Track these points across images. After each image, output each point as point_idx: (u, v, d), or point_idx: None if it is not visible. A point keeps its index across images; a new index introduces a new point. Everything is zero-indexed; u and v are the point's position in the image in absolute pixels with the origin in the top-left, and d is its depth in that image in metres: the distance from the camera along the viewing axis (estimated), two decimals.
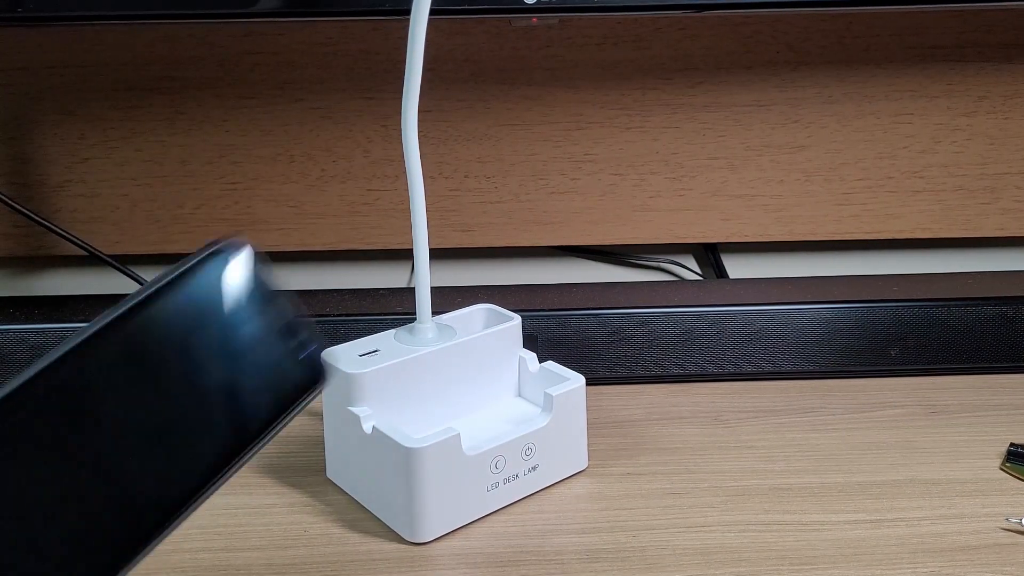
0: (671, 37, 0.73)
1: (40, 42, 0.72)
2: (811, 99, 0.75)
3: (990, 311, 0.67)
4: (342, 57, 0.73)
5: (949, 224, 0.78)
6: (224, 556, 0.48)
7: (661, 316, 0.67)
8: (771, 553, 0.47)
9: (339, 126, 0.75)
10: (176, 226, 0.77)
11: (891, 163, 0.77)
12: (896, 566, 0.46)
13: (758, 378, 0.66)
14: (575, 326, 0.66)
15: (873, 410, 0.62)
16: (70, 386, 0.30)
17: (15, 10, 0.59)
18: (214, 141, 0.75)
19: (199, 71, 0.73)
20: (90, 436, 0.29)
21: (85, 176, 0.75)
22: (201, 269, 0.33)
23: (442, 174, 0.76)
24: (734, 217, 0.78)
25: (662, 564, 0.47)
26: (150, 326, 0.31)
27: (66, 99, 0.74)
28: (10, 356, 0.65)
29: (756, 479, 0.54)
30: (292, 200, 0.76)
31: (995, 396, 0.63)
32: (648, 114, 0.75)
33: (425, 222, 0.54)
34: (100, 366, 0.30)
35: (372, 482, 0.51)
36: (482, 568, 0.47)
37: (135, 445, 0.30)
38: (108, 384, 0.30)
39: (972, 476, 0.54)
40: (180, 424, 0.31)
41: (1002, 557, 0.47)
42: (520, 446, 0.51)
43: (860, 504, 0.52)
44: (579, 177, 0.77)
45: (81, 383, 0.30)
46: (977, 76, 0.75)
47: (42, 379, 0.29)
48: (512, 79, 0.74)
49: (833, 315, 0.67)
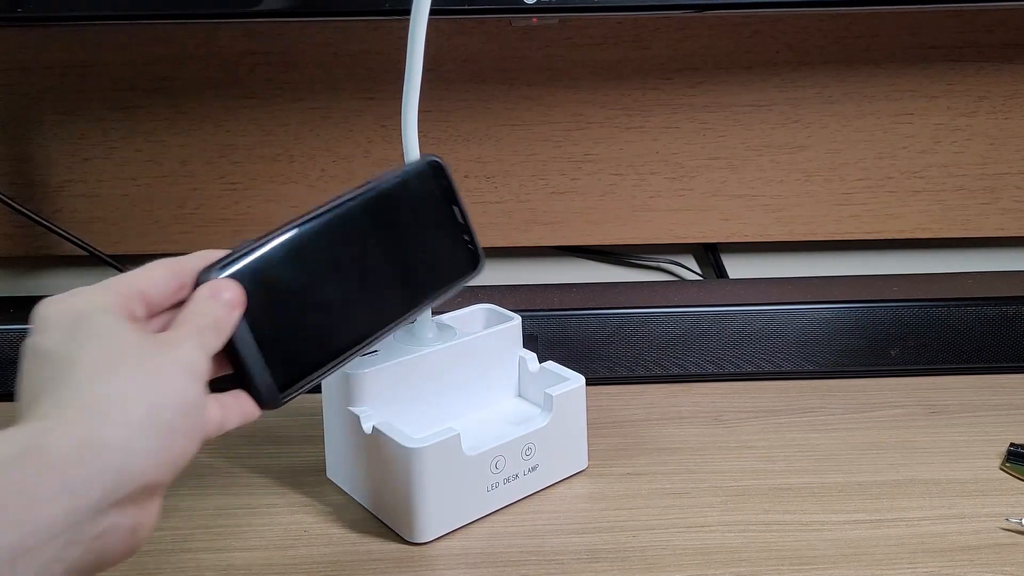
0: (671, 37, 0.73)
1: (40, 42, 0.72)
2: (811, 99, 0.75)
3: (990, 311, 0.67)
4: (342, 57, 0.73)
5: (949, 224, 0.78)
6: (224, 556, 0.48)
7: (661, 316, 0.67)
8: (771, 553, 0.47)
9: (339, 126, 0.75)
10: (176, 226, 0.77)
11: (891, 163, 0.77)
12: (896, 566, 0.46)
13: (758, 378, 0.66)
14: (575, 326, 0.66)
15: (873, 410, 0.62)
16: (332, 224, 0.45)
17: (15, 10, 0.59)
18: (214, 141, 0.75)
19: (199, 71, 0.73)
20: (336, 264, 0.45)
21: (85, 176, 0.75)
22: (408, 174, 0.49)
23: None
24: (734, 217, 0.78)
25: (662, 564, 0.47)
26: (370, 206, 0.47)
27: (66, 99, 0.74)
28: (10, 356, 0.65)
29: (756, 479, 0.54)
30: (292, 200, 0.76)
31: (995, 396, 0.63)
32: (648, 114, 0.75)
33: None
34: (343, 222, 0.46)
35: (372, 482, 0.51)
36: (482, 568, 0.47)
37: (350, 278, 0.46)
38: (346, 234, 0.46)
39: (972, 476, 0.54)
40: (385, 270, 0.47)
41: (1002, 557, 0.47)
42: (520, 446, 0.51)
43: (860, 504, 0.52)
44: (579, 177, 0.77)
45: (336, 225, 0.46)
46: (977, 76, 0.75)
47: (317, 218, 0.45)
48: (512, 79, 0.74)
49: (833, 315, 0.67)
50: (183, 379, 0.36)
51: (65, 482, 0.32)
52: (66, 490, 0.32)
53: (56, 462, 0.32)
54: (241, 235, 0.77)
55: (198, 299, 0.39)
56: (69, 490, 0.32)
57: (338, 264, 0.45)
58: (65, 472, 0.32)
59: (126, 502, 0.34)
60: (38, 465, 0.32)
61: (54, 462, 0.32)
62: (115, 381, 0.35)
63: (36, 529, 0.31)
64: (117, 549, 0.34)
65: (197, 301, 0.39)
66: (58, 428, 0.33)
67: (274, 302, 0.43)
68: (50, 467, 0.32)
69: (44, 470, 0.32)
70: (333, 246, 0.45)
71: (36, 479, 0.32)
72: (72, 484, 0.32)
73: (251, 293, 0.41)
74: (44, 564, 0.31)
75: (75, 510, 0.32)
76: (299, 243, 0.44)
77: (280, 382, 0.42)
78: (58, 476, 0.32)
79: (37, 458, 0.32)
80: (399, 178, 0.48)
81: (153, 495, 0.35)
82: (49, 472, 0.32)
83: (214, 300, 0.40)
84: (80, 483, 0.32)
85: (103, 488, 0.33)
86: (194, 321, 0.39)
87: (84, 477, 0.32)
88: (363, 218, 0.47)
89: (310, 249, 0.44)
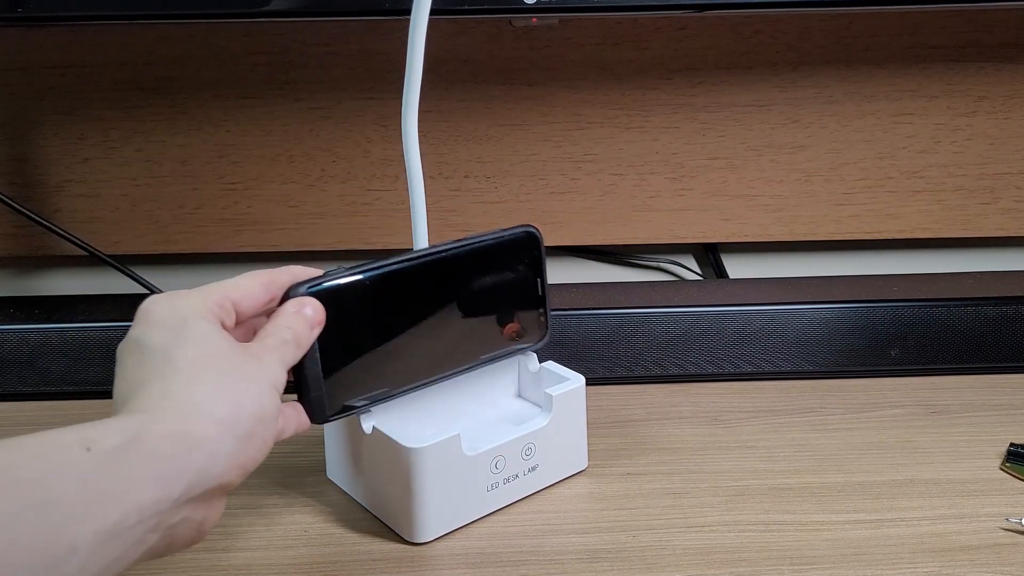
0: (671, 37, 0.73)
1: (40, 42, 0.72)
2: (811, 99, 0.75)
3: (990, 311, 0.67)
4: (342, 57, 0.73)
5: (949, 224, 0.78)
6: (224, 556, 0.48)
7: (661, 316, 0.67)
8: (771, 553, 0.47)
9: (339, 126, 0.75)
10: (176, 226, 0.77)
11: (891, 163, 0.77)
12: (896, 566, 0.46)
13: (758, 378, 0.66)
14: (575, 326, 0.66)
15: (873, 410, 0.62)
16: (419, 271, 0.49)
17: (15, 10, 0.59)
18: (214, 141, 0.75)
19: (199, 71, 0.73)
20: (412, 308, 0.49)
21: (85, 176, 0.75)
22: (503, 238, 0.52)
23: (442, 174, 0.76)
24: (734, 217, 0.78)
25: (662, 564, 0.47)
26: (460, 262, 0.50)
27: (66, 99, 0.74)
28: (10, 356, 0.65)
29: (756, 479, 0.54)
30: (292, 200, 0.76)
31: (995, 396, 0.63)
32: (648, 114, 0.75)
33: (425, 222, 0.54)
34: (430, 271, 0.49)
35: (372, 482, 0.51)
36: (482, 568, 0.47)
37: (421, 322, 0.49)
38: (430, 283, 0.49)
39: (972, 476, 0.54)
40: (455, 324, 0.51)
41: (1002, 557, 0.47)
42: (520, 446, 0.51)
43: (860, 504, 0.52)
44: (579, 177, 0.77)
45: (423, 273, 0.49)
46: (977, 76, 0.75)
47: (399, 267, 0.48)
48: (512, 79, 0.74)
49: (833, 315, 0.67)
50: (264, 390, 0.40)
51: (159, 472, 0.35)
52: (159, 480, 0.35)
53: (153, 453, 0.35)
54: (241, 235, 0.77)
55: (284, 313, 0.43)
56: (161, 480, 0.35)
57: (414, 309, 0.49)
58: (160, 463, 0.35)
59: (201, 498, 0.37)
60: (138, 454, 0.35)
61: (152, 452, 0.35)
62: (207, 385, 0.38)
63: (130, 513, 0.34)
64: (185, 539, 0.38)
65: (283, 315, 0.43)
66: (156, 422, 0.36)
67: (347, 330, 0.46)
68: (148, 457, 0.35)
69: (143, 459, 0.35)
70: (414, 291, 0.49)
71: (135, 467, 0.34)
72: (164, 475, 0.35)
73: (329, 316, 0.45)
74: (130, 546, 0.34)
75: (163, 499, 0.35)
76: (384, 281, 0.47)
77: (332, 403, 0.46)
78: (154, 465, 0.35)
79: (138, 447, 0.35)
80: (494, 240, 0.51)
81: (223, 494, 0.39)
82: (147, 461, 0.35)
83: (298, 316, 0.43)
84: (171, 475, 0.35)
85: (188, 482, 0.36)
86: (278, 334, 0.42)
87: (175, 469, 0.35)
88: (450, 272, 0.50)
89: (393, 289, 0.48)
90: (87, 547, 0.33)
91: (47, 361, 0.65)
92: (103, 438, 0.34)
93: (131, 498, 0.34)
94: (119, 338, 0.42)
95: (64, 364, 0.65)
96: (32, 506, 0.32)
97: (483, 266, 0.51)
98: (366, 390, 0.48)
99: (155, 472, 0.35)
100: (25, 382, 0.65)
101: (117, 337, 0.42)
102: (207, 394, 0.37)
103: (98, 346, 0.65)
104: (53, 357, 0.65)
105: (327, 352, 0.45)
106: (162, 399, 0.37)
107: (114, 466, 0.34)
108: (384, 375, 0.48)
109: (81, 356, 0.65)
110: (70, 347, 0.65)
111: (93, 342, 0.65)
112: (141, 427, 0.35)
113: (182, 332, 0.39)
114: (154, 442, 0.35)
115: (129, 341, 0.40)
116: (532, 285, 0.53)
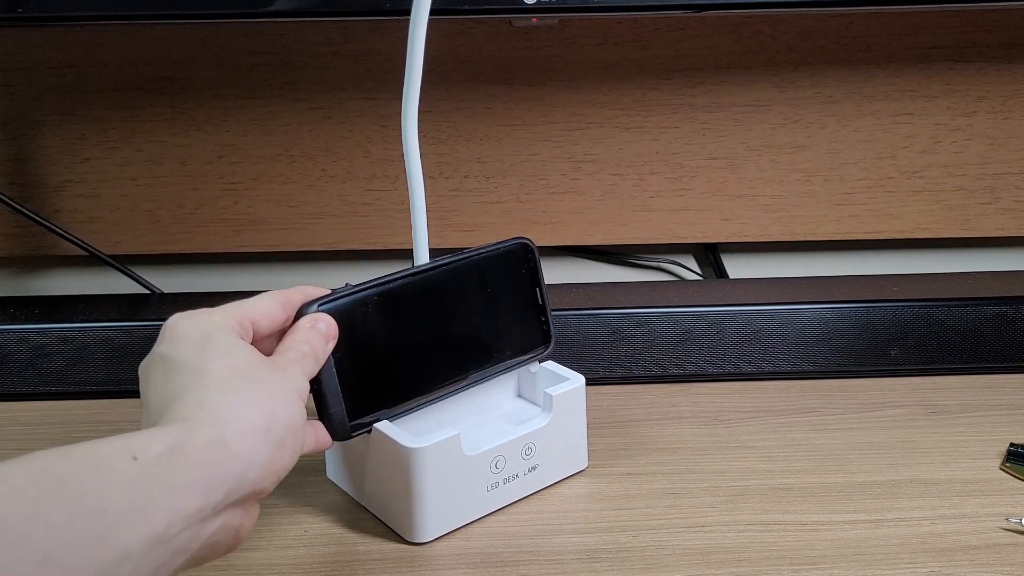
0: (671, 37, 0.73)
1: (40, 42, 0.72)
2: (811, 99, 0.75)
3: (990, 311, 0.67)
4: (342, 57, 0.73)
5: (949, 224, 0.78)
6: (224, 556, 0.48)
7: (661, 316, 0.67)
8: (771, 553, 0.47)
9: (339, 126, 0.75)
10: (176, 226, 0.77)
11: (891, 163, 0.77)
12: (896, 566, 0.46)
13: (758, 378, 0.66)
14: (575, 326, 0.66)
15: (873, 410, 0.62)
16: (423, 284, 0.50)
17: (15, 10, 0.59)
18: (214, 141, 0.75)
19: (199, 71, 0.73)
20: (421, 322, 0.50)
21: (85, 176, 0.75)
22: (499, 250, 0.53)
23: (442, 174, 0.76)
24: (734, 217, 0.78)
25: (662, 564, 0.47)
26: (460, 274, 0.51)
27: (66, 99, 0.74)
28: (10, 356, 0.65)
29: (756, 479, 0.54)
30: (292, 200, 0.76)
31: (995, 396, 0.63)
32: (648, 114, 0.75)
33: (425, 222, 0.54)
34: (434, 284, 0.50)
35: (372, 482, 0.51)
36: (482, 568, 0.47)
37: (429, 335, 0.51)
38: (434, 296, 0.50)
39: (972, 476, 0.54)
40: (462, 334, 0.52)
41: (1002, 557, 0.47)
42: (520, 446, 0.51)
43: (860, 504, 0.52)
44: (579, 177, 0.77)
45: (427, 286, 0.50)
46: (977, 76, 0.75)
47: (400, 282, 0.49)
48: (512, 79, 0.74)
49: (833, 315, 0.67)
50: (292, 399, 0.41)
51: (200, 479, 0.36)
52: (201, 486, 0.36)
53: (195, 460, 0.36)
54: (241, 235, 0.77)
55: (300, 328, 0.45)
56: (203, 487, 0.36)
57: (422, 321, 0.50)
58: (201, 470, 0.36)
59: (238, 504, 0.38)
60: (181, 462, 0.36)
61: (193, 460, 0.36)
62: (239, 395, 0.39)
63: (176, 520, 0.35)
64: (223, 546, 0.38)
65: (300, 330, 0.45)
66: (195, 430, 0.37)
67: (360, 344, 0.48)
68: (190, 464, 0.36)
69: (186, 467, 0.36)
70: (420, 304, 0.50)
71: (179, 474, 0.35)
72: (205, 482, 0.36)
73: (342, 333, 0.46)
74: (174, 553, 0.35)
75: (204, 507, 0.36)
76: (391, 296, 0.49)
77: (351, 417, 0.47)
78: (196, 473, 0.36)
79: (180, 455, 0.36)
80: (491, 253, 0.53)
81: (256, 501, 0.40)
82: (189, 469, 0.36)
83: (313, 331, 0.45)
84: (212, 482, 0.36)
85: (227, 489, 0.37)
86: (298, 348, 0.44)
87: (215, 477, 0.37)
88: (452, 284, 0.51)
89: (400, 303, 0.49)
90: (137, 554, 0.33)
91: (47, 361, 0.65)
92: (147, 446, 0.35)
93: (176, 505, 0.35)
94: (119, 338, 0.42)
95: (64, 364, 0.65)
96: (85, 514, 0.32)
97: (484, 278, 0.52)
98: (383, 405, 0.49)
99: (197, 479, 0.36)
100: (25, 382, 0.65)
101: (117, 337, 0.42)
102: (241, 404, 0.39)
103: (98, 346, 0.65)
104: (53, 357, 0.65)
105: (343, 370, 0.46)
106: (198, 409, 0.38)
107: (159, 474, 0.35)
108: (398, 389, 0.50)
109: (81, 356, 0.65)
110: (70, 347, 0.65)
111: (93, 342, 0.65)
112: (181, 436, 0.36)
113: (207, 346, 0.41)
114: (195, 450, 0.36)
115: (155, 357, 0.41)
116: (532, 295, 0.54)
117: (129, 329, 0.65)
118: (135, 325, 0.65)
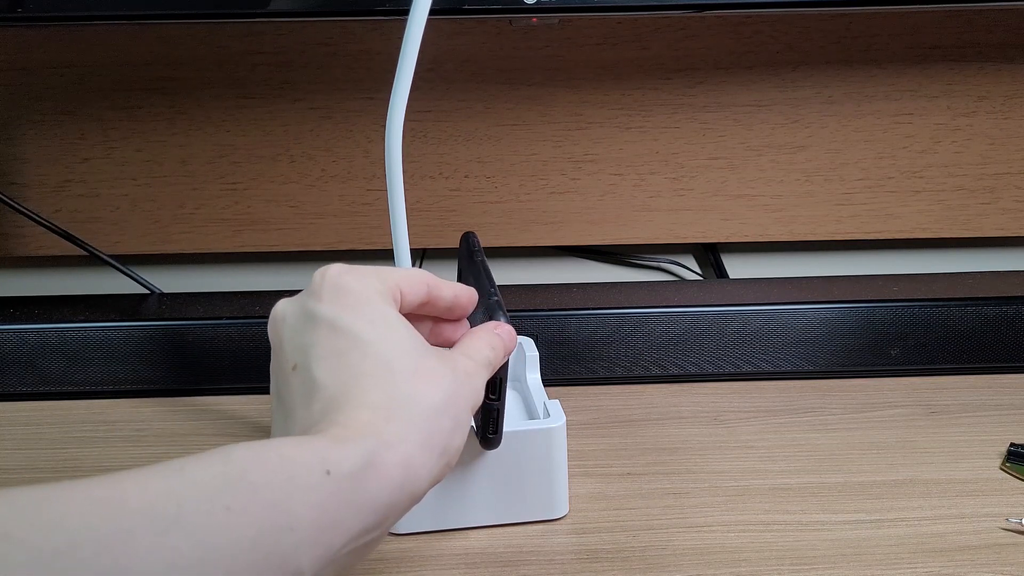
0: (671, 37, 0.73)
1: (40, 42, 0.72)
2: (811, 99, 0.75)
3: (990, 311, 0.67)
4: (342, 57, 0.73)
5: (949, 224, 0.78)
6: None
7: (661, 316, 0.67)
8: (771, 553, 0.47)
9: (339, 126, 0.75)
10: (176, 226, 0.77)
11: (891, 163, 0.77)
12: (896, 566, 0.46)
13: (758, 378, 0.66)
14: (575, 326, 0.66)
15: (873, 410, 0.62)
16: None
17: (15, 10, 0.59)
18: (214, 141, 0.75)
19: (199, 71, 0.73)
20: None
21: (85, 176, 0.75)
22: None
23: (442, 174, 0.76)
24: (734, 217, 0.78)
25: (662, 564, 0.47)
26: None
27: (66, 99, 0.74)
28: (10, 356, 0.65)
29: (756, 479, 0.54)
30: (292, 200, 0.76)
31: (995, 396, 0.63)
32: (648, 114, 0.75)
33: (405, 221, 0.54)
34: None
35: None
36: (482, 568, 0.47)
37: None
38: None
39: (972, 476, 0.54)
40: None
41: (1002, 557, 0.47)
42: None
43: (860, 504, 0.52)
44: (579, 177, 0.77)
45: None
46: (977, 76, 0.75)
47: None
48: (512, 79, 0.74)
49: (833, 315, 0.67)
50: (469, 418, 0.39)
51: (387, 502, 0.34)
52: (385, 508, 0.34)
53: (385, 484, 0.34)
54: (241, 235, 0.77)
55: (487, 331, 0.42)
56: (386, 509, 0.34)
57: None
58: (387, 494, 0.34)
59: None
60: (373, 483, 0.34)
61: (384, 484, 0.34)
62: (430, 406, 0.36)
63: (350, 540, 0.33)
64: (361, 559, 0.35)
65: (487, 334, 0.42)
66: (389, 448, 0.34)
67: None
68: (381, 488, 0.34)
69: (377, 489, 0.34)
70: None
71: (365, 495, 0.33)
72: (386, 504, 0.34)
73: None
74: (335, 571, 0.33)
75: (374, 528, 0.34)
76: None
77: None
78: (385, 496, 0.34)
79: (371, 475, 0.34)
80: None
81: None
82: (380, 492, 0.34)
83: (499, 339, 0.42)
84: (391, 504, 0.34)
85: (404, 510, 0.35)
86: (483, 354, 0.41)
87: (395, 500, 0.34)
88: None
89: None
90: (310, 572, 0.32)
91: (47, 361, 0.65)
92: (341, 461, 0.33)
93: (354, 526, 0.33)
94: (119, 338, 0.41)
95: (64, 364, 0.65)
96: (272, 531, 0.31)
97: None
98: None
99: (384, 502, 0.34)
100: (25, 382, 0.65)
101: (117, 337, 0.41)
102: (430, 420, 0.36)
103: (98, 346, 0.65)
104: (53, 357, 0.65)
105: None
106: (387, 422, 0.35)
107: (348, 493, 0.33)
108: None
109: (81, 356, 0.65)
110: (70, 347, 0.65)
111: (93, 342, 0.65)
112: (375, 454, 0.34)
113: (379, 321, 0.37)
114: (386, 471, 0.34)
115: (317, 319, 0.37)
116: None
117: (129, 329, 0.65)
118: (135, 325, 0.65)
